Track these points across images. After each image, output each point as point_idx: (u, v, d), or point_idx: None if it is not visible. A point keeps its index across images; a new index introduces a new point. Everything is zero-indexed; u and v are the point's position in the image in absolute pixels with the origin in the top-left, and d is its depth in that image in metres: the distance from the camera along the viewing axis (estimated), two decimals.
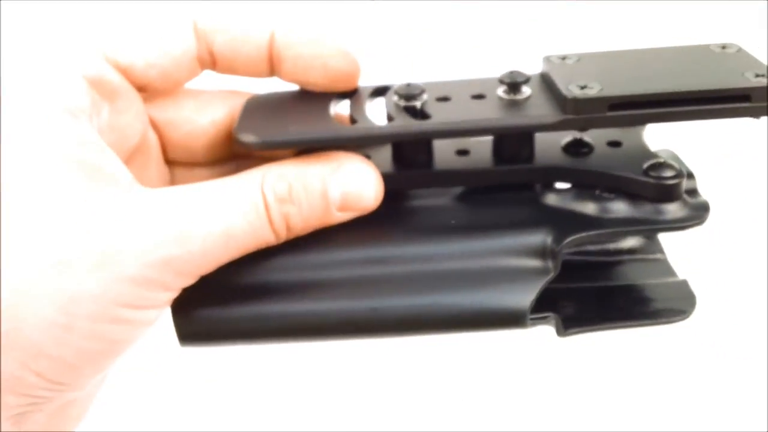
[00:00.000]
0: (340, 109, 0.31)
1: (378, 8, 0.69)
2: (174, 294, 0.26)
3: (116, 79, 0.28)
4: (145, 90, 0.30)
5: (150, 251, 0.24)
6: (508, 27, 0.67)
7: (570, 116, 0.27)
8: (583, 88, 0.27)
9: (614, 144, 0.31)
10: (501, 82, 0.29)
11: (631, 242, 0.33)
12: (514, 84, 0.29)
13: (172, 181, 0.32)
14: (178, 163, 0.32)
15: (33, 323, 0.23)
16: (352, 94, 0.31)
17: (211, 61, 0.30)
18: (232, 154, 0.31)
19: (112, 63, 0.28)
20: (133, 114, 0.29)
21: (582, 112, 0.27)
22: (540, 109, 0.28)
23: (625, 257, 0.32)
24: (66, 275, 0.23)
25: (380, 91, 0.31)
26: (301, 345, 0.28)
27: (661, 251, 0.32)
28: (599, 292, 0.31)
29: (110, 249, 0.23)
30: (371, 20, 0.69)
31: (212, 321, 0.27)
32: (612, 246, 0.32)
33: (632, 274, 0.32)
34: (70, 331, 0.23)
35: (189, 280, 0.26)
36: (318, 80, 0.30)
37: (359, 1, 0.69)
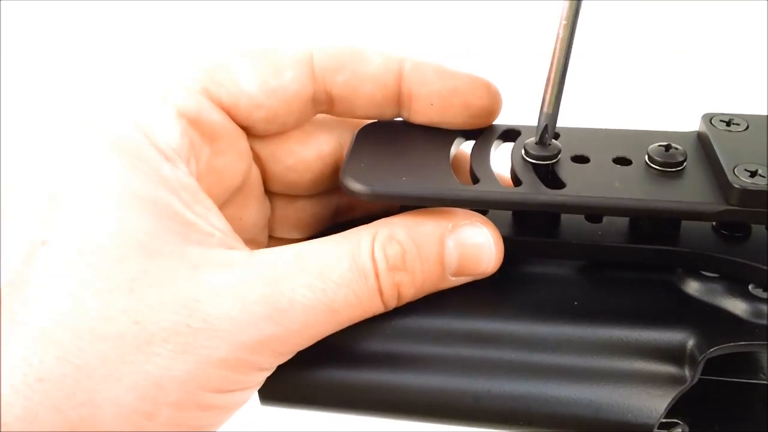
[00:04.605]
0: (463, 146, 0.28)
1: (378, 8, 0.69)
2: (268, 373, 0.23)
3: (217, 118, 0.25)
4: (247, 131, 0.27)
5: (243, 330, 0.21)
6: (508, 27, 0.67)
7: (733, 207, 0.23)
8: (753, 174, 0.23)
9: None
10: (650, 160, 0.25)
11: None
12: (667, 164, 0.25)
13: (273, 214, 0.29)
14: (279, 195, 0.29)
15: (112, 411, 0.20)
16: (477, 133, 0.27)
17: (327, 104, 0.27)
18: (337, 185, 0.29)
19: (214, 101, 0.25)
20: (237, 154, 0.26)
21: (749, 204, 0.23)
22: (696, 192, 0.23)
23: None
24: (149, 358, 0.20)
25: (510, 135, 0.27)
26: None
27: None
28: (731, 388, 0.27)
29: (199, 327, 0.21)
30: (371, 20, 0.69)
31: (296, 384, 0.25)
32: None
33: None
34: (152, 419, 0.21)
35: (286, 358, 0.23)
36: (455, 120, 0.26)
37: (359, 1, 0.69)
